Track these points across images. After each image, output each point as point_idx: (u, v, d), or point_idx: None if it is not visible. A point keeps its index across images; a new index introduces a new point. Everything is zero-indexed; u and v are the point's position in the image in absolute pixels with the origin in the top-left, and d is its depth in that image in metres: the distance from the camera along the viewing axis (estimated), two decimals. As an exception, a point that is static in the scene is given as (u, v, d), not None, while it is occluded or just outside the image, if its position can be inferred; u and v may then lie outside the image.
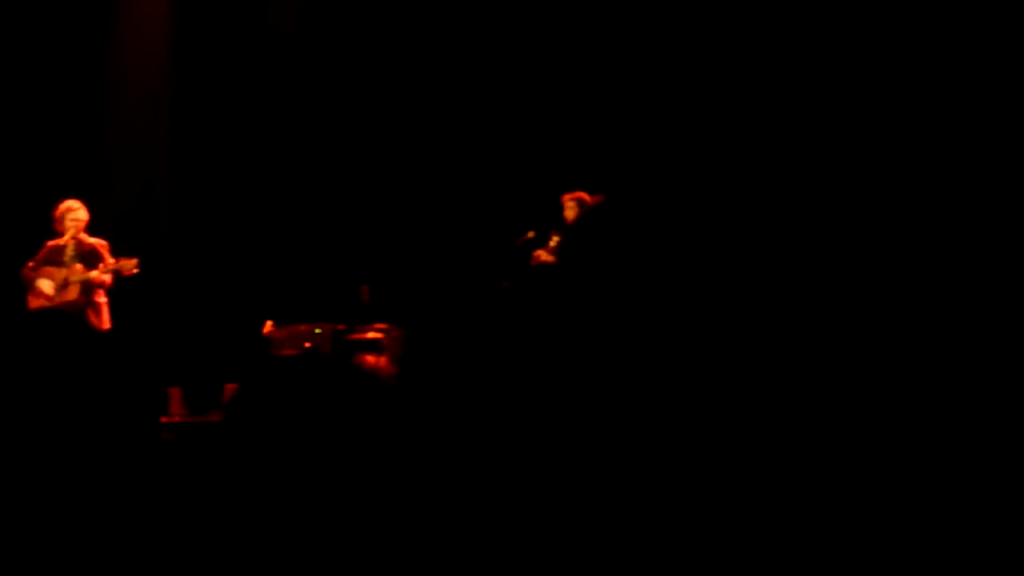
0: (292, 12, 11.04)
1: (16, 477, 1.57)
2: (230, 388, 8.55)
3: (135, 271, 8.58)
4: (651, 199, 1.47)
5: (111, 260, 8.57)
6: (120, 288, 8.74)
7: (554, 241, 8.90)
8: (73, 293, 8.53)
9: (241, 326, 9.63)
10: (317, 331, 9.07)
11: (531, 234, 9.14)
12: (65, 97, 10.85)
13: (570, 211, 8.71)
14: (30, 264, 8.68)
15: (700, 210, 1.48)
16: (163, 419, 8.52)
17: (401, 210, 10.43)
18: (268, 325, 9.24)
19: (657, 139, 9.16)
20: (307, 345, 9.03)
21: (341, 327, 9.10)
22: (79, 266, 8.54)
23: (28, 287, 8.65)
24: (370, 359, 8.63)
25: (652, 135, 9.23)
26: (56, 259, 8.60)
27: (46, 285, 8.52)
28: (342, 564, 1.50)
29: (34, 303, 8.57)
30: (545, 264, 8.89)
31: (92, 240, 8.63)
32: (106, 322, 8.58)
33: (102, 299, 8.63)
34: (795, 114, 8.04)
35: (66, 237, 8.59)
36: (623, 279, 1.44)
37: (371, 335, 8.87)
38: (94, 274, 8.46)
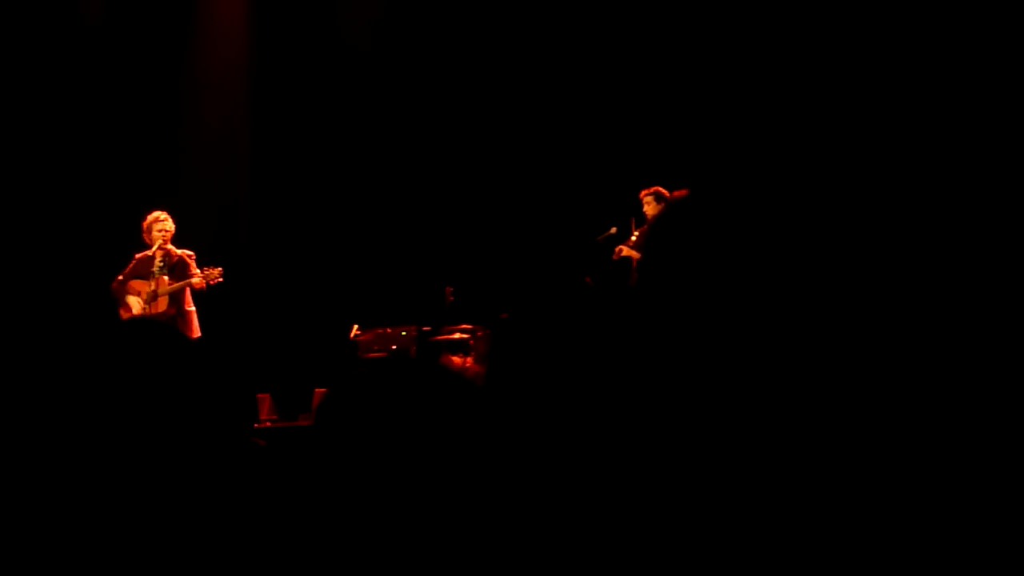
0: (366, 25, 11.07)
1: (113, 483, 1.59)
2: (319, 392, 8.63)
3: (220, 280, 8.66)
4: (734, 193, 1.46)
5: (198, 270, 8.64)
6: (208, 297, 8.83)
7: (635, 236, 8.88)
8: (162, 305, 8.62)
9: (328, 331, 9.71)
10: (403, 333, 9.12)
11: (613, 230, 9.13)
12: (150, 110, 11.02)
13: (648, 206, 8.68)
14: (119, 277, 8.74)
15: (782, 204, 1.47)
16: (254, 425, 8.63)
17: (483, 211, 10.45)
18: (355, 329, 9.30)
19: (736, 134, 9.12)
20: (393, 347, 9.08)
21: (426, 329, 9.14)
22: (166, 278, 8.61)
23: (119, 300, 8.74)
24: (456, 359, 8.66)
25: (731, 130, 9.20)
26: (144, 271, 8.66)
27: (135, 303, 8.62)
28: (435, 565, 1.51)
29: (125, 316, 8.67)
30: (628, 258, 8.87)
31: (179, 251, 8.69)
32: (196, 331, 8.66)
33: (191, 308, 8.69)
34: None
35: (154, 248, 8.64)
36: (708, 273, 1.43)
37: (456, 336, 8.91)
38: (195, 280, 8.54)
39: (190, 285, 8.57)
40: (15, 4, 10.86)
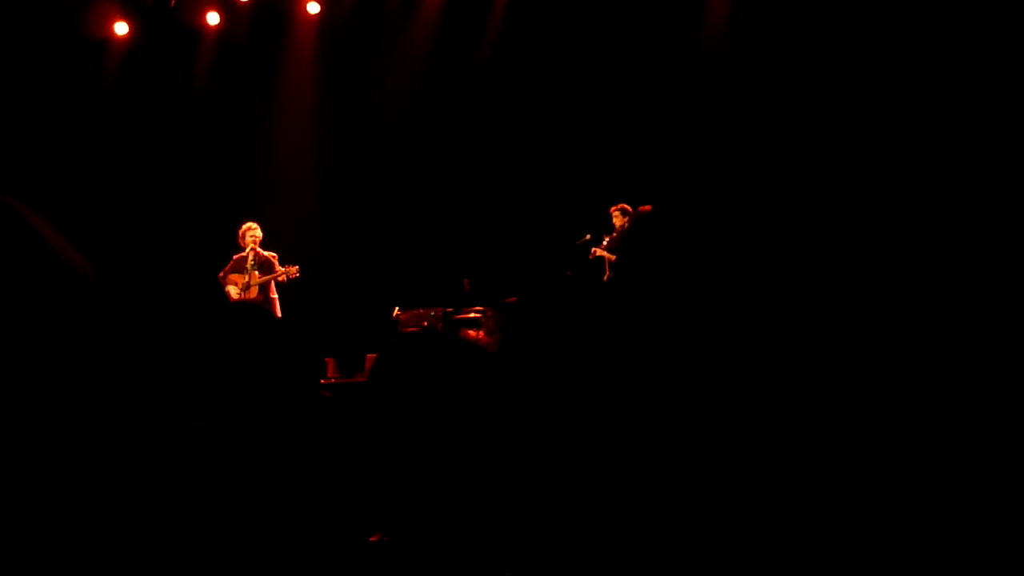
0: (407, 59, 10.91)
1: (227, 416, 1.60)
2: (370, 357, 8.63)
3: (297, 275, 8.73)
4: (689, 207, 1.44)
5: (280, 267, 8.70)
6: (288, 288, 8.87)
7: (606, 241, 8.85)
8: (254, 293, 8.68)
9: (376, 311, 9.72)
10: (432, 313, 9.11)
11: (587, 236, 9.10)
12: (245, 146, 11.03)
13: (616, 218, 8.65)
14: (221, 273, 8.87)
15: (726, 214, 1.41)
16: (323, 381, 8.64)
17: (492, 221, 10.45)
18: (396, 310, 9.30)
19: (692, 153, 8.92)
20: (425, 324, 9.08)
21: (449, 310, 9.14)
22: (257, 273, 8.69)
23: (221, 288, 8.84)
24: (471, 333, 8.66)
25: (686, 151, 9.03)
26: (240, 267, 8.77)
27: (233, 290, 8.72)
28: (463, 490, 1.51)
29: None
30: (600, 258, 8.84)
31: (266, 253, 8.76)
32: (278, 313, 8.71)
33: (274, 296, 8.77)
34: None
35: (247, 250, 8.75)
36: (667, 271, 1.42)
37: (472, 315, 8.90)
38: (279, 275, 8.62)
39: (275, 279, 8.64)
40: (151, 53, 10.86)
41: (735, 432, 1.29)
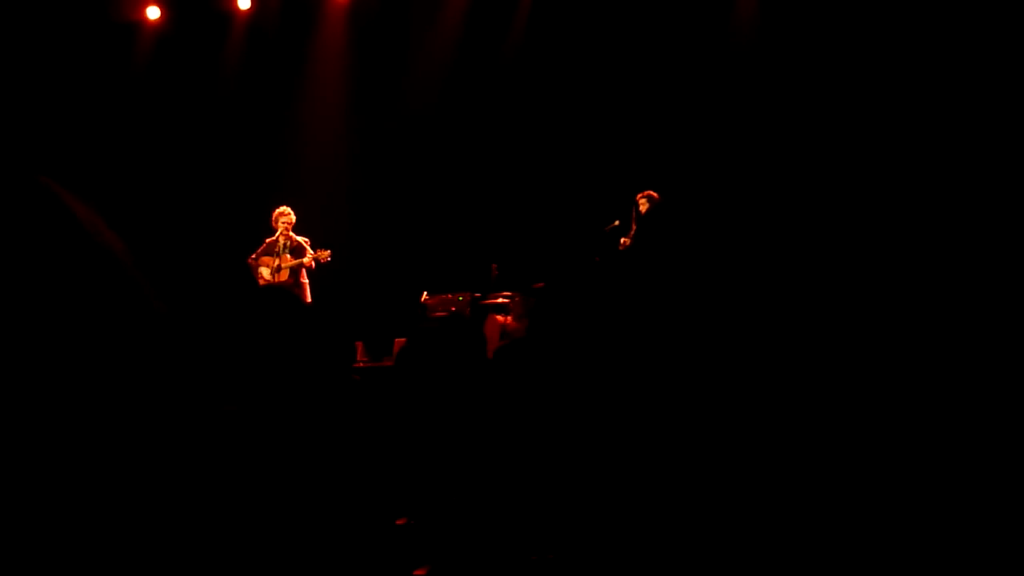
0: (436, 52, 10.94)
1: (259, 399, 1.62)
2: (399, 341, 8.67)
3: (328, 259, 8.79)
4: (697, 199, 1.45)
5: (311, 251, 8.75)
6: (318, 273, 8.93)
7: (635, 229, 8.81)
8: (285, 276, 8.74)
9: (405, 295, 9.75)
10: (460, 298, 9.13)
11: (616, 222, 9.04)
12: (280, 132, 11.10)
13: (643, 206, 8.60)
14: (252, 256, 8.91)
15: (729, 207, 1.43)
16: (352, 364, 8.69)
17: (521, 207, 10.44)
18: (424, 294, 9.33)
19: (707, 147, 8.95)
20: (453, 309, 9.10)
21: (477, 295, 9.15)
22: (288, 256, 8.74)
23: (252, 271, 8.90)
24: (499, 318, 8.67)
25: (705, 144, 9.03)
26: (271, 251, 8.83)
27: (265, 272, 8.78)
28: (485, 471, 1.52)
29: (261, 283, 8.82)
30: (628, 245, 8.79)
31: (298, 237, 8.80)
32: (308, 297, 8.78)
33: (305, 280, 8.83)
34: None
35: (278, 234, 8.79)
36: (685, 256, 1.42)
37: (500, 300, 8.91)
38: (307, 260, 8.67)
39: (306, 263, 8.69)
40: (182, 39, 10.94)
41: (750, 422, 1.29)
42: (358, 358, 8.98)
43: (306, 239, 8.86)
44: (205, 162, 11.12)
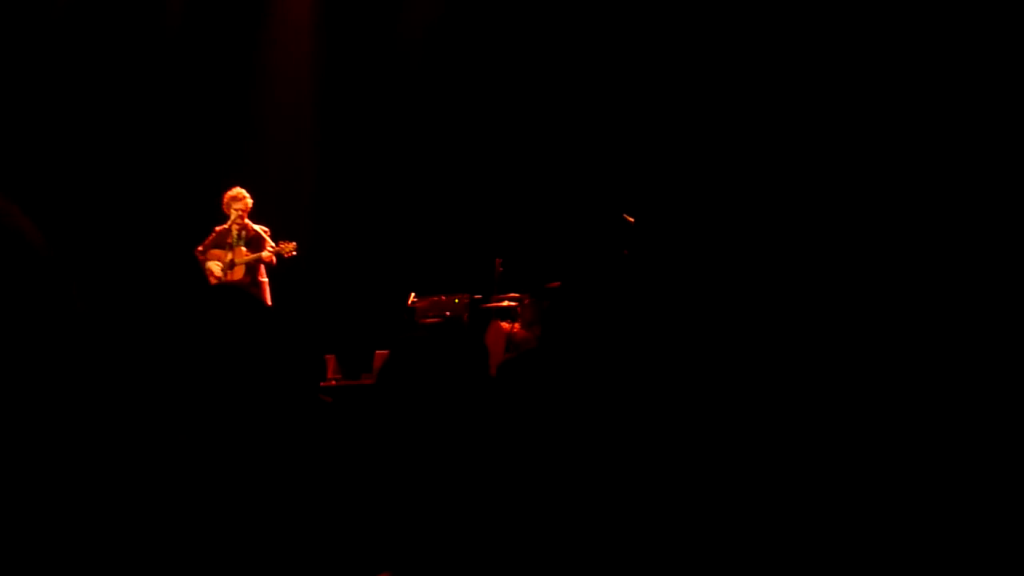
0: (423, 20, 11.04)
1: (202, 424, 1.60)
2: (380, 354, 8.67)
3: (293, 253, 8.76)
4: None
5: (272, 244, 8.72)
6: (280, 269, 8.91)
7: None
8: (239, 274, 8.72)
9: (388, 298, 9.76)
10: (456, 301, 9.13)
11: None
12: (230, 95, 11.10)
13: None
14: (199, 248, 8.85)
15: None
16: (322, 383, 8.69)
17: (530, 186, 10.44)
18: (412, 296, 9.33)
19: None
20: (447, 314, 9.10)
21: (477, 296, 9.16)
22: (243, 249, 8.71)
23: (200, 267, 8.85)
24: (504, 325, 8.67)
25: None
26: (222, 242, 8.79)
27: (215, 268, 8.75)
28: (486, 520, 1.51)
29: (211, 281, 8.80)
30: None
31: (256, 227, 8.76)
32: (267, 298, 8.76)
33: (264, 279, 8.80)
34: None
35: (230, 222, 8.73)
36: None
37: (505, 303, 8.92)
38: (265, 254, 8.63)
39: (260, 260, 8.66)
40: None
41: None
42: (329, 375, 8.99)
43: (265, 228, 8.85)
44: (146, 136, 11.11)
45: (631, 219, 8.99)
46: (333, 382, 8.85)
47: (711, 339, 1.45)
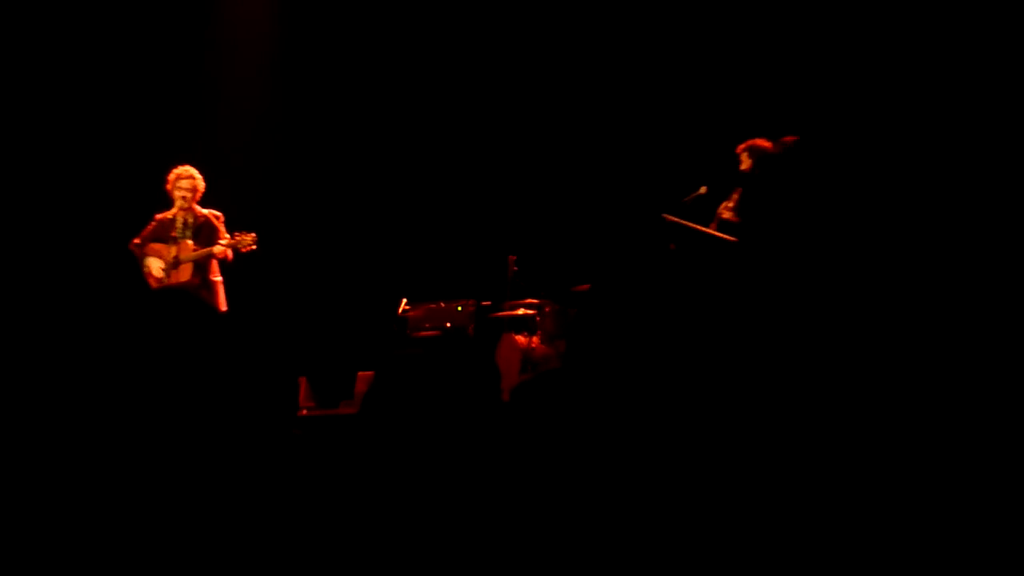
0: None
1: (136, 465, 1.62)
2: (364, 376, 8.69)
3: (253, 247, 8.59)
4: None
5: (227, 235, 8.56)
6: (238, 266, 8.79)
7: (736, 196, 8.77)
8: (186, 273, 8.54)
9: (373, 306, 9.78)
10: (459, 308, 9.14)
11: (703, 189, 8.99)
12: (172, 65, 11.17)
13: (744, 162, 8.58)
14: (136, 240, 8.66)
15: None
16: (294, 412, 8.70)
17: (551, 170, 10.47)
18: (403, 303, 9.35)
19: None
20: (448, 325, 9.12)
21: (485, 303, 9.17)
22: (190, 243, 8.52)
23: (138, 263, 8.68)
24: (520, 339, 8.67)
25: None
26: (164, 234, 8.56)
27: (155, 266, 8.52)
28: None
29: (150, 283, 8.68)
30: (727, 223, 8.73)
31: (205, 211, 8.62)
32: (222, 304, 8.62)
33: (217, 278, 8.61)
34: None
35: (175, 208, 8.57)
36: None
37: (520, 312, 8.92)
38: (217, 249, 8.35)
39: (212, 255, 8.43)
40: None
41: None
42: (301, 403, 9.00)
43: (218, 214, 8.78)
44: (71, 105, 11.16)
45: (690, 199, 9.00)
46: (304, 411, 8.86)
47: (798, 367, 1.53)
